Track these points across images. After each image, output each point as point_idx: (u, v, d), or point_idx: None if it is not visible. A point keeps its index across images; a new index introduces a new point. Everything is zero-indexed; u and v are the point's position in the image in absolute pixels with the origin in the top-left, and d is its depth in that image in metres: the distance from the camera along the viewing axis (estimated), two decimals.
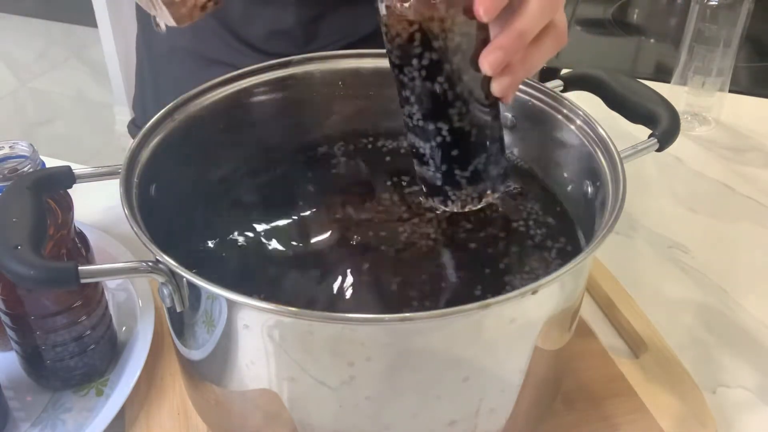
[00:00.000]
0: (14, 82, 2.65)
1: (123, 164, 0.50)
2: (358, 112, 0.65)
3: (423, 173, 0.53)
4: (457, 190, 0.52)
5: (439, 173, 0.52)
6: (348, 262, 0.55)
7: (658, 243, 0.77)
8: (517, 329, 0.45)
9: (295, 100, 0.63)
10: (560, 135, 0.57)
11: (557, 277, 0.42)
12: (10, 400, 0.58)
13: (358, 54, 0.63)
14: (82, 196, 0.61)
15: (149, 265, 0.43)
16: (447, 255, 0.56)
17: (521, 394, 0.48)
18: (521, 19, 0.46)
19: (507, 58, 0.46)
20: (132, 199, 0.48)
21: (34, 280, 0.41)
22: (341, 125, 0.66)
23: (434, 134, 0.50)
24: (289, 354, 0.43)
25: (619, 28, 1.34)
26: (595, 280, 0.69)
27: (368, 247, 0.56)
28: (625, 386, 0.60)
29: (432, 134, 0.50)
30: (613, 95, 0.57)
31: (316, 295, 0.53)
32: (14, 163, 0.59)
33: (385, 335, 0.42)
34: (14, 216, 0.44)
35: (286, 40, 0.75)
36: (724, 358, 0.64)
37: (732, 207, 0.82)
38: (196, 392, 0.54)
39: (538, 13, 0.46)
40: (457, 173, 0.51)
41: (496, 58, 0.46)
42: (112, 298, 0.66)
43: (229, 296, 0.41)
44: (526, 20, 0.46)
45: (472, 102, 0.49)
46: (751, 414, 0.60)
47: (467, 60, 0.47)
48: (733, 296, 0.70)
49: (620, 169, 0.50)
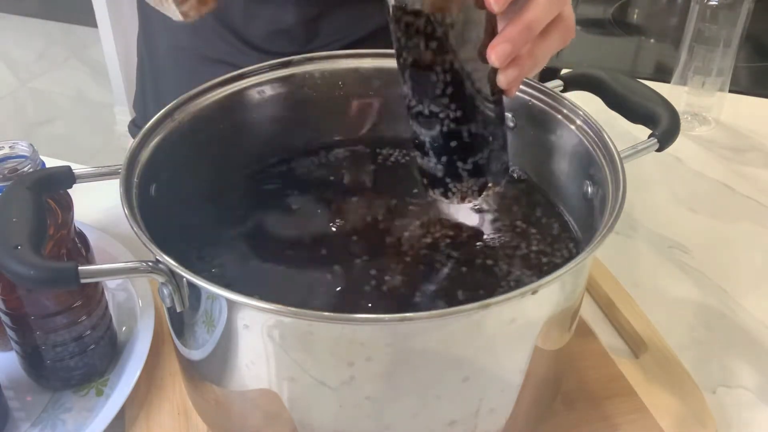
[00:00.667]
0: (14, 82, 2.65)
1: (123, 164, 0.50)
2: (358, 111, 0.65)
3: (424, 164, 0.53)
4: (457, 183, 0.52)
5: (440, 164, 0.52)
6: (348, 262, 0.55)
7: (658, 243, 0.77)
8: (517, 329, 0.45)
9: (295, 100, 0.63)
10: (560, 135, 0.57)
11: (557, 277, 0.42)
12: (10, 400, 0.58)
13: (358, 54, 0.63)
14: (82, 196, 0.61)
15: (149, 265, 0.43)
16: (447, 255, 0.56)
17: (521, 394, 0.48)
18: (529, 12, 0.46)
19: (515, 50, 0.46)
20: (132, 199, 0.48)
21: (34, 280, 0.41)
22: (341, 125, 0.66)
23: (437, 125, 0.50)
24: (289, 354, 0.43)
25: (619, 28, 1.34)
26: (595, 280, 0.69)
27: (369, 247, 0.56)
28: (625, 386, 0.60)
29: (435, 125, 0.50)
30: (613, 95, 0.57)
31: (316, 295, 0.53)
32: (14, 163, 0.58)
33: (385, 335, 0.42)
34: (14, 216, 0.44)
35: (286, 39, 0.76)
36: (724, 358, 0.64)
37: (732, 207, 0.82)
38: (196, 392, 0.54)
39: (546, 6, 0.46)
40: (458, 165, 0.51)
41: (504, 49, 0.46)
42: (112, 298, 0.66)
43: (229, 296, 0.41)
44: (534, 13, 0.46)
45: (477, 94, 0.49)
46: (751, 414, 0.60)
47: (475, 51, 0.47)
48: (733, 296, 0.70)
49: (620, 169, 0.50)
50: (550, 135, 0.58)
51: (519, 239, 0.57)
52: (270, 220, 0.60)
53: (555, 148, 0.58)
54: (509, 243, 0.57)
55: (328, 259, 0.55)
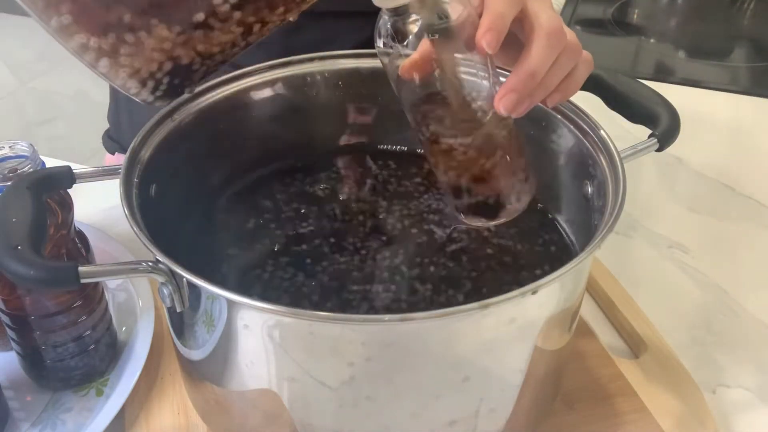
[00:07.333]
0: (14, 82, 2.65)
1: (123, 164, 0.50)
2: (358, 111, 0.65)
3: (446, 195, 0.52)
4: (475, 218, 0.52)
5: (455, 197, 0.51)
6: (349, 263, 0.55)
7: (658, 243, 0.77)
8: (517, 329, 0.45)
9: (294, 100, 0.63)
10: (560, 135, 0.57)
11: (557, 277, 0.42)
12: (10, 400, 0.58)
13: (358, 54, 0.63)
14: (82, 196, 0.61)
15: (149, 265, 0.43)
16: (447, 255, 0.56)
17: (521, 394, 0.48)
18: (531, 59, 0.45)
19: (522, 98, 0.45)
20: (132, 199, 0.48)
21: (34, 280, 0.41)
22: (341, 125, 0.66)
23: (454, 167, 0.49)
24: (289, 354, 0.43)
25: (619, 28, 1.34)
26: (595, 280, 0.69)
27: (369, 247, 0.56)
28: (625, 386, 0.60)
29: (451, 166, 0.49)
30: (613, 95, 0.57)
31: (316, 295, 0.53)
32: (14, 163, 0.58)
33: (385, 335, 0.42)
34: (14, 216, 0.44)
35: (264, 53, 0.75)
36: (724, 358, 0.64)
37: (732, 207, 0.82)
38: (196, 392, 0.54)
39: (546, 51, 0.45)
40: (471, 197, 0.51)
41: (511, 100, 0.45)
42: (112, 298, 0.66)
43: (229, 296, 0.41)
44: (535, 60, 0.45)
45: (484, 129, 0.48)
46: (751, 414, 0.60)
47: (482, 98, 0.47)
48: (733, 296, 0.70)
49: (620, 169, 0.50)
50: (550, 135, 0.58)
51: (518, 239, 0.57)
52: (270, 219, 0.60)
53: (555, 148, 0.58)
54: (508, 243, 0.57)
55: (330, 258, 0.55)
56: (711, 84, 1.10)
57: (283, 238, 0.58)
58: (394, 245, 0.57)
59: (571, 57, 0.47)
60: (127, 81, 0.43)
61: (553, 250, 0.57)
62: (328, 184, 0.63)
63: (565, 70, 0.48)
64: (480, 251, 0.56)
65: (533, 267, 0.56)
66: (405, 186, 0.62)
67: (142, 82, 0.43)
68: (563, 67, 0.47)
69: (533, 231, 0.58)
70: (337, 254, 0.56)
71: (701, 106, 1.00)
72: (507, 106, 0.45)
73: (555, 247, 0.57)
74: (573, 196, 0.57)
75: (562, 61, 0.47)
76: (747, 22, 1.36)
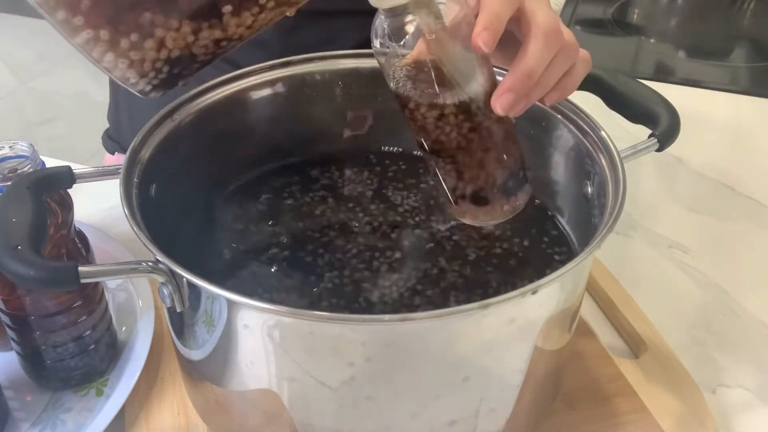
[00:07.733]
0: (14, 82, 2.65)
1: (123, 164, 0.50)
2: (357, 111, 0.65)
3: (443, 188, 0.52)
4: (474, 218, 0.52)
5: (453, 196, 0.51)
6: (349, 262, 0.55)
7: (658, 243, 0.77)
8: (517, 329, 0.45)
9: (294, 100, 0.63)
10: (560, 135, 0.57)
11: (557, 277, 0.42)
12: (10, 400, 0.58)
13: (358, 54, 0.63)
14: (82, 196, 0.61)
15: (149, 265, 0.43)
16: (447, 255, 0.56)
17: (521, 394, 0.48)
18: (527, 59, 0.45)
19: (519, 97, 0.45)
20: (132, 199, 0.48)
21: (34, 280, 0.41)
22: (341, 124, 0.66)
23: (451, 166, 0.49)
24: (289, 354, 0.43)
25: (619, 28, 1.34)
26: (595, 280, 0.69)
27: (370, 246, 0.56)
28: (625, 386, 0.60)
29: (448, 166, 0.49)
30: (613, 95, 0.57)
31: (316, 294, 0.53)
32: (14, 163, 0.58)
33: (385, 335, 0.42)
34: (14, 216, 0.44)
35: (263, 52, 0.75)
36: (724, 358, 0.64)
37: (732, 207, 0.82)
38: (196, 392, 0.54)
39: (543, 50, 0.45)
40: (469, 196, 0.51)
41: (508, 100, 0.45)
42: (112, 298, 0.66)
43: (229, 296, 0.41)
44: (532, 60, 0.45)
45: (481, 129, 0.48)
46: (751, 414, 0.60)
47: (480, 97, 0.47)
48: (733, 296, 0.70)
49: (620, 169, 0.50)
50: (550, 135, 0.58)
51: (518, 239, 0.57)
52: (270, 219, 0.60)
53: (555, 147, 0.58)
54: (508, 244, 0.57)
55: (328, 258, 0.55)
56: (711, 84, 1.10)
57: (282, 238, 0.58)
58: (394, 245, 0.57)
59: (569, 56, 0.47)
60: (126, 71, 0.43)
61: (553, 250, 0.57)
62: (328, 183, 0.63)
63: (562, 69, 0.48)
64: (480, 251, 0.56)
65: (533, 267, 0.56)
66: (405, 186, 0.62)
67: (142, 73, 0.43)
68: (560, 66, 0.47)
69: (533, 231, 0.58)
70: (338, 254, 0.56)
71: (701, 106, 1.00)
72: (504, 106, 0.45)
73: (555, 247, 0.57)
74: (573, 196, 0.57)
75: (559, 60, 0.47)
76: (747, 22, 1.36)
